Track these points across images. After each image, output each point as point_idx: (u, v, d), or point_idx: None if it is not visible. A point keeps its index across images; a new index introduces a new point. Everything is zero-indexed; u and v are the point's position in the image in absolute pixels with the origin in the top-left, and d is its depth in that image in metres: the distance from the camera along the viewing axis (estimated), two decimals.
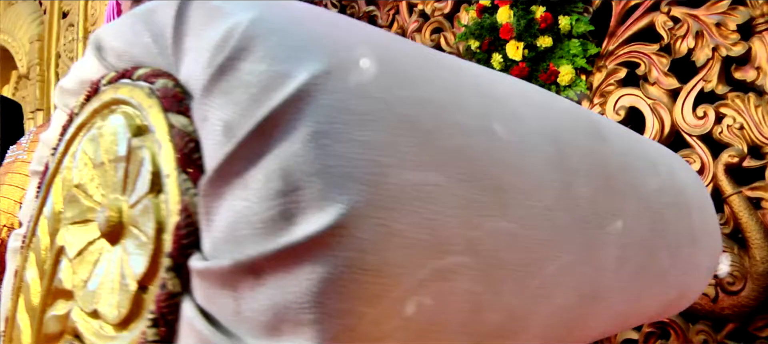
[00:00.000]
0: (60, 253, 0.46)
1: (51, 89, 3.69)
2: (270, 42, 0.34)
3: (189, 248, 0.35)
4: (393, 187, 0.34)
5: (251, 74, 0.33)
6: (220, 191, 0.33)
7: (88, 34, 3.45)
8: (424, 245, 0.35)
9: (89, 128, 0.45)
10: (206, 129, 0.35)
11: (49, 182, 0.49)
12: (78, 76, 0.48)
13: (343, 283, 0.31)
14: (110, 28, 0.45)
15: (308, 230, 0.31)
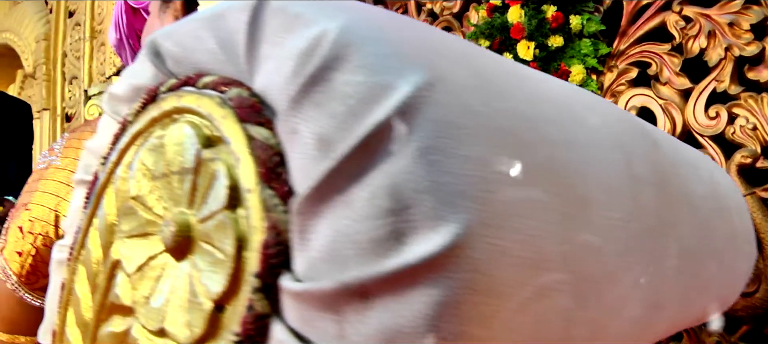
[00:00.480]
0: (115, 267, 0.43)
1: (57, 88, 3.64)
2: (364, 51, 0.31)
3: (278, 267, 0.32)
4: (500, 204, 0.31)
5: (348, 85, 0.30)
6: (317, 209, 0.30)
7: (94, 33, 3.41)
8: (528, 263, 0.33)
9: (147, 138, 0.42)
10: (295, 142, 0.32)
11: (99, 193, 0.46)
12: (131, 83, 0.45)
13: (459, 305, 0.29)
14: (168, 33, 0.42)
15: (422, 250, 0.28)
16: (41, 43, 3.75)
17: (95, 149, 0.50)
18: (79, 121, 3.47)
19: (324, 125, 0.31)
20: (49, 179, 0.72)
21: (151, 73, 0.43)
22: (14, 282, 0.73)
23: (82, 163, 0.51)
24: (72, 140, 0.74)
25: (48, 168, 0.73)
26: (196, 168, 0.37)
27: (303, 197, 0.31)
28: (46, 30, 3.77)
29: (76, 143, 0.73)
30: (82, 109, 3.41)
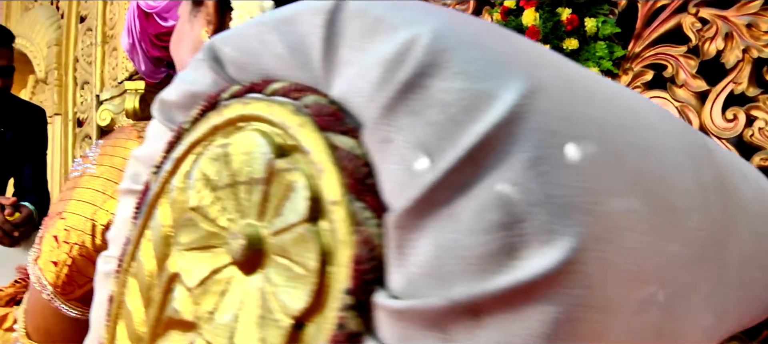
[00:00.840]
0: (173, 280, 0.41)
1: (69, 93, 3.61)
2: (462, 57, 0.29)
3: (371, 284, 0.29)
4: (606, 215, 0.29)
5: (447, 93, 0.28)
6: (418, 223, 0.27)
7: (106, 38, 3.38)
8: (630, 276, 0.30)
9: (207, 146, 0.40)
10: (388, 152, 0.29)
11: (152, 203, 0.43)
12: (186, 89, 0.42)
13: (574, 323, 0.26)
14: (228, 38, 0.40)
15: (537, 266, 0.25)
16: (53, 49, 3.72)
17: (144, 158, 0.47)
18: (91, 126, 3.44)
19: (422, 134, 0.28)
20: (84, 188, 0.69)
21: (210, 79, 0.41)
22: (50, 292, 0.70)
23: (130, 172, 0.48)
24: (106, 147, 0.71)
25: (82, 176, 0.70)
26: (267, 178, 0.35)
27: (402, 210, 0.28)
28: (57, 35, 3.74)
29: (111, 151, 0.70)
30: (94, 114, 3.38)
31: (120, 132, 0.72)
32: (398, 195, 0.29)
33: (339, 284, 0.30)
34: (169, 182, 0.42)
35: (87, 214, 0.67)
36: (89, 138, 3.45)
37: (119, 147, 0.69)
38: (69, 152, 3.53)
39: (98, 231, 0.67)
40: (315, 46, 0.35)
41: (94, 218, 0.67)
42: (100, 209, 0.67)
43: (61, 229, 0.69)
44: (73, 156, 3.53)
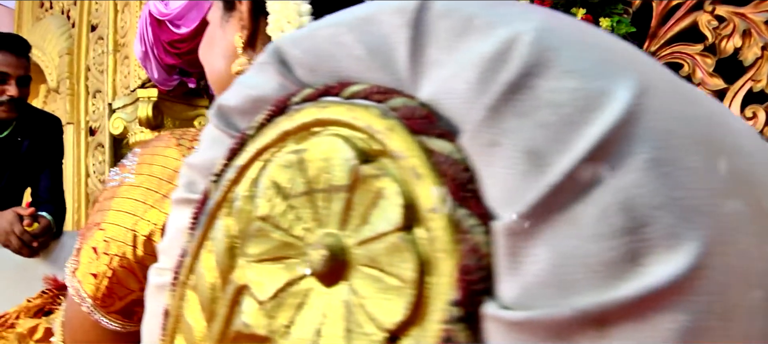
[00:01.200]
0: (240, 293, 0.39)
1: (81, 102, 3.60)
2: (569, 55, 0.27)
3: (480, 294, 0.27)
4: (724, 218, 0.27)
5: (558, 92, 0.26)
6: (534, 230, 0.25)
7: (118, 46, 3.37)
8: (743, 280, 0.28)
9: (277, 153, 0.38)
10: (494, 156, 0.27)
11: (212, 213, 0.41)
12: (249, 94, 0.41)
13: (702, 331, 0.25)
14: (298, 40, 0.38)
15: (665, 272, 0.24)
16: (64, 58, 3.71)
17: (200, 166, 0.45)
18: (104, 134, 3.43)
19: (533, 137, 0.26)
20: (123, 198, 0.67)
21: (276, 83, 0.39)
22: (89, 304, 0.68)
23: (183, 180, 0.47)
24: (145, 156, 0.69)
25: (121, 186, 0.68)
26: (351, 185, 0.33)
27: (517, 216, 0.26)
28: (68, 44, 3.73)
29: (150, 159, 0.68)
30: (107, 122, 3.37)
31: (158, 140, 0.70)
32: (509, 201, 0.27)
33: (442, 295, 0.29)
34: (232, 191, 0.40)
35: (127, 224, 0.65)
36: (102, 147, 3.44)
37: (158, 155, 0.67)
38: (81, 161, 3.52)
39: (139, 242, 0.65)
40: (399, 46, 0.33)
41: (135, 228, 0.65)
42: (141, 219, 0.65)
43: (101, 240, 0.67)
44: (86, 165, 3.52)
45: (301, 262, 0.35)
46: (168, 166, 0.66)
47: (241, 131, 0.40)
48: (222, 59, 0.82)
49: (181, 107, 3.09)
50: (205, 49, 0.87)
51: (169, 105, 3.05)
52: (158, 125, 3.03)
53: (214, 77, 0.85)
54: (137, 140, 3.09)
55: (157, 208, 0.64)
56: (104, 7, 3.52)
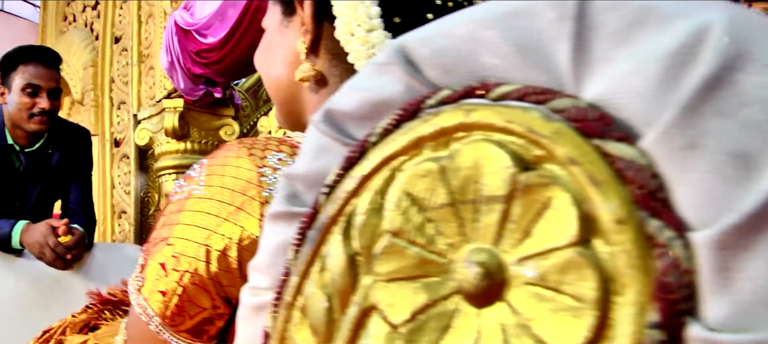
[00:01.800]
0: (367, 315, 0.35)
1: (105, 114, 3.60)
2: (766, 46, 0.24)
3: (683, 315, 0.24)
4: None
5: (765, 88, 0.23)
6: (748, 242, 0.22)
7: (142, 57, 3.36)
8: None
9: (409, 161, 0.34)
10: (694, 161, 0.24)
11: (326, 229, 0.38)
12: (368, 98, 0.37)
13: None
14: (428, 38, 0.35)
15: None
16: (88, 70, 3.72)
17: (304, 177, 0.42)
18: (129, 145, 3.42)
19: (739, 138, 0.23)
20: (193, 211, 0.63)
21: (402, 85, 0.36)
22: (158, 323, 0.64)
23: (284, 193, 0.43)
24: (214, 166, 0.65)
25: (189, 198, 0.65)
26: (509, 195, 0.30)
27: (729, 227, 0.23)
28: (92, 57, 3.74)
29: (220, 170, 0.65)
30: (132, 133, 3.37)
31: (227, 150, 0.67)
32: (714, 211, 0.24)
33: (632, 316, 0.25)
34: (351, 204, 0.37)
35: (199, 239, 0.62)
36: (127, 158, 3.43)
37: (229, 166, 0.64)
38: (107, 173, 3.51)
39: (213, 257, 0.61)
40: (559, 42, 0.30)
41: (208, 243, 0.61)
42: (214, 233, 0.62)
43: (169, 256, 0.63)
44: (111, 177, 3.51)
45: (444, 281, 0.32)
46: (240, 177, 0.62)
47: (362, 139, 0.37)
48: (282, 66, 0.79)
49: (206, 117, 3.08)
50: (263, 56, 0.84)
51: (195, 115, 3.04)
52: (184, 136, 3.02)
53: (273, 85, 0.82)
54: (163, 151, 3.08)
55: (232, 221, 0.61)
56: (128, 19, 3.52)
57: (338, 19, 0.71)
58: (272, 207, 0.44)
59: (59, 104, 2.39)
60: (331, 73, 0.76)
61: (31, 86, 2.25)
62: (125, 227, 3.42)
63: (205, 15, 2.65)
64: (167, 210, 0.67)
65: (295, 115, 0.82)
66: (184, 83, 2.83)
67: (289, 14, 0.79)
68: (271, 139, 0.67)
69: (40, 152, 2.39)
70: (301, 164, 0.42)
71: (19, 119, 2.27)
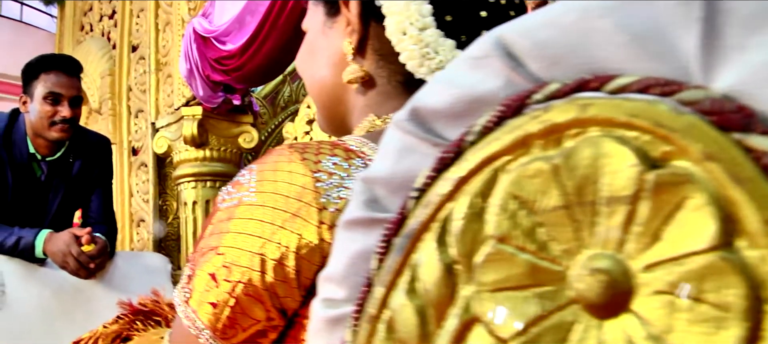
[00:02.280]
0: (468, 328, 0.33)
1: (123, 122, 3.61)
2: None
3: None
4: None
5: None
6: None
7: (160, 65, 3.37)
8: None
9: (514, 161, 0.32)
10: None
11: (416, 236, 0.36)
12: (462, 94, 0.35)
13: None
14: (530, 29, 0.33)
15: None
16: (106, 79, 3.72)
17: (386, 180, 0.40)
18: (147, 154, 3.42)
19: None
20: (244, 218, 0.61)
21: (502, 79, 0.34)
22: (208, 336, 0.62)
23: (362, 198, 0.41)
24: (265, 172, 0.63)
25: (239, 205, 0.62)
26: (635, 196, 0.28)
27: None
28: (109, 65, 3.74)
29: (272, 176, 0.62)
30: (150, 141, 3.37)
31: (277, 155, 0.64)
32: None
33: None
34: (446, 208, 0.35)
35: (253, 248, 0.59)
36: (145, 166, 3.43)
37: (281, 171, 0.62)
38: (125, 181, 3.52)
39: (269, 267, 0.59)
40: (684, 29, 0.28)
41: (263, 252, 0.59)
42: (269, 242, 0.59)
43: (220, 266, 0.61)
44: (129, 185, 3.51)
45: (560, 290, 0.30)
46: (294, 182, 0.60)
47: (457, 138, 0.35)
48: (327, 68, 0.77)
49: (225, 124, 3.07)
50: (305, 59, 0.82)
51: (214, 122, 3.03)
52: (203, 143, 3.01)
53: (316, 87, 0.80)
54: (182, 159, 3.07)
55: (288, 229, 0.59)
56: (145, 28, 3.52)
57: (388, 18, 0.70)
58: (348, 213, 0.42)
59: (80, 112, 2.38)
60: (378, 74, 0.74)
61: (53, 95, 2.25)
62: (144, 235, 3.42)
63: (224, 22, 2.64)
64: (215, 218, 0.65)
65: (340, 118, 0.80)
66: (203, 91, 2.82)
67: (333, 15, 0.77)
68: (322, 142, 0.65)
69: (61, 161, 2.39)
70: (382, 166, 0.40)
71: (40, 128, 2.27)
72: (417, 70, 0.69)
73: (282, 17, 2.25)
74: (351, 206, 0.42)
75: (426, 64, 0.68)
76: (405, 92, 0.74)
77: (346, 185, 0.61)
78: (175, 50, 3.19)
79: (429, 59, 0.68)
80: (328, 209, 0.59)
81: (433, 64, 0.68)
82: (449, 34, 0.69)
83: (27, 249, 2.17)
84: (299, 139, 2.29)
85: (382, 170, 0.40)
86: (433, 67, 0.68)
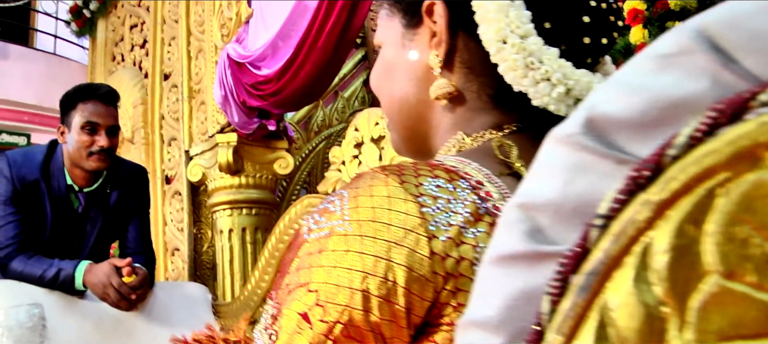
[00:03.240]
0: None
1: (156, 151, 3.59)
2: None
3: None
4: None
5: None
6: None
7: (193, 93, 3.34)
8: None
9: (737, 178, 0.26)
10: None
11: (604, 273, 0.30)
12: (652, 99, 0.29)
13: None
14: (737, 18, 0.27)
15: None
16: (138, 108, 3.71)
17: (555, 205, 0.34)
18: (180, 182, 3.39)
19: None
20: (339, 250, 0.54)
21: (708, 79, 0.28)
22: None
23: (521, 228, 0.35)
24: (360, 198, 0.56)
25: (331, 236, 0.55)
26: None
27: None
28: (142, 95, 3.74)
29: (367, 201, 0.56)
30: (183, 170, 3.34)
31: (371, 178, 0.58)
32: None
33: None
34: (644, 238, 0.29)
35: (354, 284, 0.52)
36: (179, 195, 3.40)
37: (378, 196, 0.55)
38: (159, 210, 3.49)
39: (374, 304, 0.52)
40: None
41: (366, 287, 0.52)
42: (372, 276, 0.52)
43: (313, 304, 0.53)
44: (163, 214, 3.48)
45: None
46: (396, 208, 0.54)
47: (653, 153, 0.29)
48: (408, 83, 0.72)
49: (260, 150, 3.03)
50: (382, 75, 0.76)
51: (249, 149, 2.99)
52: (238, 170, 2.97)
53: (396, 106, 0.74)
54: (217, 186, 3.03)
55: (394, 261, 0.52)
56: (177, 56, 3.51)
57: (484, 26, 0.64)
58: (501, 246, 0.36)
59: (117, 141, 2.36)
60: (466, 88, 0.69)
61: (90, 124, 2.23)
62: (178, 264, 3.38)
63: (258, 47, 2.61)
64: (302, 251, 0.58)
65: (421, 138, 0.74)
66: (238, 117, 2.79)
67: (414, 26, 0.71)
68: (418, 164, 0.59)
69: (98, 191, 2.37)
70: (546, 190, 0.34)
71: (78, 158, 2.25)
72: (518, 82, 0.63)
73: (320, 39, 2.20)
74: (504, 237, 0.36)
75: (529, 74, 0.62)
76: (495, 108, 0.68)
77: (454, 209, 0.54)
78: (208, 77, 3.17)
79: (533, 69, 0.62)
80: (439, 238, 0.53)
81: (537, 74, 0.62)
82: (549, 42, 0.63)
83: (67, 282, 2.13)
84: (347, 163, 2.23)
85: (547, 194, 0.34)
86: (537, 78, 0.62)
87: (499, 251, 0.35)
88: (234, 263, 2.95)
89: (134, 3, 4.09)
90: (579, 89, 0.63)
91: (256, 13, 2.73)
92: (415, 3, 0.71)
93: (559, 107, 0.64)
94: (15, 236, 2.19)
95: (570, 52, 0.64)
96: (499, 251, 0.35)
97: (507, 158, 0.64)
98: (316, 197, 2.35)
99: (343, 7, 2.12)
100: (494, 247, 0.36)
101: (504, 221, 0.36)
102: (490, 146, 0.65)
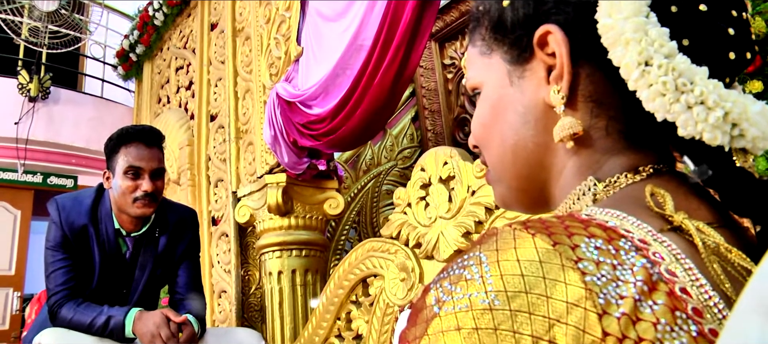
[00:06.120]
0: None
1: (203, 192, 3.52)
2: None
3: None
4: None
5: None
6: None
7: (240, 133, 3.28)
8: None
9: None
10: None
11: None
12: None
13: None
14: None
15: None
16: (185, 150, 3.67)
17: None
18: (228, 223, 3.30)
19: None
20: (485, 329, 0.42)
21: None
22: None
23: None
24: (503, 263, 0.43)
25: (470, 310, 0.43)
26: None
27: None
28: (188, 136, 3.69)
29: (512, 267, 0.43)
30: (231, 211, 3.26)
31: (514, 238, 0.46)
32: None
33: None
34: None
35: None
36: (226, 236, 3.32)
37: (525, 261, 0.43)
38: (205, 252, 3.41)
39: None
40: None
41: None
42: None
43: None
44: (209, 255, 3.40)
45: None
46: (552, 277, 0.42)
47: None
48: (524, 127, 0.60)
49: (310, 191, 2.93)
50: (488, 121, 0.64)
51: (298, 190, 2.90)
52: (288, 211, 2.88)
53: (510, 153, 0.62)
54: (266, 228, 2.94)
55: (557, 342, 0.40)
56: (223, 96, 3.46)
57: (619, 49, 0.52)
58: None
59: (163, 184, 2.27)
60: (593, 125, 0.57)
61: (133, 168, 2.14)
62: (225, 306, 3.27)
63: (310, 86, 2.52)
64: (432, 328, 0.44)
65: (539, 188, 0.62)
66: (288, 157, 2.70)
67: (524, 61, 0.60)
68: (567, 219, 0.47)
69: (146, 236, 2.28)
70: None
71: (123, 204, 2.17)
72: (666, 109, 0.51)
73: (376, 77, 2.10)
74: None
75: (682, 99, 0.50)
76: (627, 146, 0.56)
77: (622, 278, 0.42)
78: (256, 118, 3.10)
79: (686, 92, 0.50)
80: (612, 314, 0.40)
81: (690, 98, 0.50)
82: (694, 62, 0.51)
83: (117, 330, 2.04)
84: (414, 205, 2.10)
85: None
86: (690, 102, 0.50)
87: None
88: (284, 305, 2.83)
89: (180, 45, 4.08)
90: (737, 112, 0.51)
91: (306, 51, 2.66)
92: (523, 35, 0.59)
93: (715, 135, 0.51)
94: (64, 283, 2.11)
95: (715, 70, 0.52)
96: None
97: (661, 210, 0.51)
98: (377, 241, 2.21)
99: (399, 45, 2.02)
100: None
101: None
102: (637, 195, 0.53)
